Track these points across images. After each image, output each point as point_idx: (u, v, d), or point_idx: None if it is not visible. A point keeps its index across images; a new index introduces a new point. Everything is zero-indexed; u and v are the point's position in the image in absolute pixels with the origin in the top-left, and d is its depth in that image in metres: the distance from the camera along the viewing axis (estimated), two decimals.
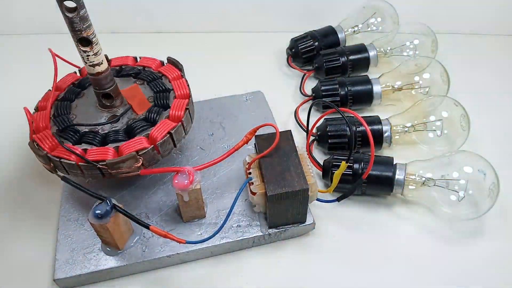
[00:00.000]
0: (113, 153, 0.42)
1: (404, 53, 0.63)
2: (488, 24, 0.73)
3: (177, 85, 0.48)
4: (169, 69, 0.51)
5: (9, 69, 0.71)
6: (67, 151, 0.42)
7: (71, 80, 0.50)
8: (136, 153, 0.42)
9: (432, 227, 0.48)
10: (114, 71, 0.51)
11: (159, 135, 0.43)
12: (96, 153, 0.42)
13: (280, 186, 0.41)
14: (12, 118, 0.61)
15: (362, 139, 0.52)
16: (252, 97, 0.60)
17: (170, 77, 0.49)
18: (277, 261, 0.46)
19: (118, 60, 0.53)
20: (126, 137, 0.44)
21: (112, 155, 0.42)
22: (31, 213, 0.50)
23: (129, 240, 0.44)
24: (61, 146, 0.42)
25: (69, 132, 0.44)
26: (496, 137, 0.57)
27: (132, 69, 0.51)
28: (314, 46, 0.66)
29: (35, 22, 0.75)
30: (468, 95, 0.56)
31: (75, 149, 0.42)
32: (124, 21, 0.75)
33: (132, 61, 0.53)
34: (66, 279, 0.43)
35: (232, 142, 0.53)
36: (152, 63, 0.52)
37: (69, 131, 0.44)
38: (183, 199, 0.42)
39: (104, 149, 0.42)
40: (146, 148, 0.43)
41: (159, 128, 0.44)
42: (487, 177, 0.45)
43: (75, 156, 0.42)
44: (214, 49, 0.72)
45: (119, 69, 0.51)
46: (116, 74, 0.50)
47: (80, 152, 0.42)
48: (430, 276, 0.44)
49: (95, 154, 0.42)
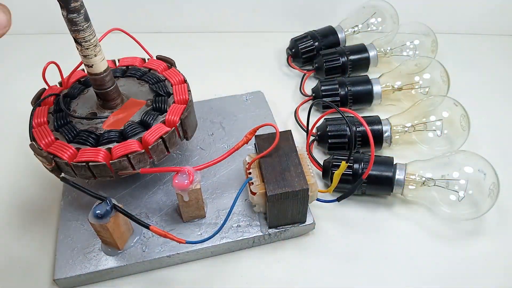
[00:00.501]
0: (104, 155, 0.42)
1: (404, 53, 0.63)
2: (488, 24, 0.73)
3: (178, 90, 0.48)
4: (173, 73, 0.50)
5: (9, 69, 0.71)
6: (60, 147, 0.42)
7: (78, 76, 0.50)
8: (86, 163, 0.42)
9: (432, 227, 0.48)
10: (121, 71, 0.51)
11: (151, 139, 0.43)
12: (89, 152, 0.42)
13: (280, 186, 0.41)
14: (12, 118, 0.61)
15: (362, 139, 0.52)
16: (252, 97, 0.60)
17: (173, 81, 0.49)
18: (277, 261, 0.46)
19: (128, 60, 0.53)
20: (119, 139, 0.44)
21: (103, 157, 0.42)
22: (31, 213, 0.50)
23: (129, 240, 0.44)
24: None
25: (66, 128, 0.44)
26: (496, 137, 0.57)
27: (139, 70, 0.51)
28: (314, 46, 0.66)
29: (35, 22, 0.75)
30: (468, 95, 0.56)
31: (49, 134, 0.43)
32: (124, 21, 0.75)
33: (140, 62, 0.52)
34: (66, 279, 0.43)
35: (232, 142, 0.53)
36: (158, 66, 0.52)
37: (66, 127, 0.44)
38: (183, 199, 0.42)
39: (96, 150, 0.42)
40: (137, 151, 0.42)
41: (152, 131, 0.44)
42: (487, 177, 0.45)
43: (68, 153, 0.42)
44: (214, 49, 0.72)
45: (126, 69, 0.51)
46: (122, 74, 0.51)
47: (73, 151, 0.42)
48: (430, 276, 0.44)
49: (88, 153, 0.42)
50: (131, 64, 0.52)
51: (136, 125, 0.44)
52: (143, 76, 0.50)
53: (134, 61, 0.52)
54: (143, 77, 0.50)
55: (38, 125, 0.45)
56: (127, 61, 0.52)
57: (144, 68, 0.51)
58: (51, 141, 0.43)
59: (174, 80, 0.49)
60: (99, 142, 0.43)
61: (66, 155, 0.42)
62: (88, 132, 0.44)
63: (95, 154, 0.42)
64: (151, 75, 0.50)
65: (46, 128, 0.44)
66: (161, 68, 0.51)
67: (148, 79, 0.49)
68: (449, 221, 0.48)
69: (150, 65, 0.51)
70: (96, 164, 0.41)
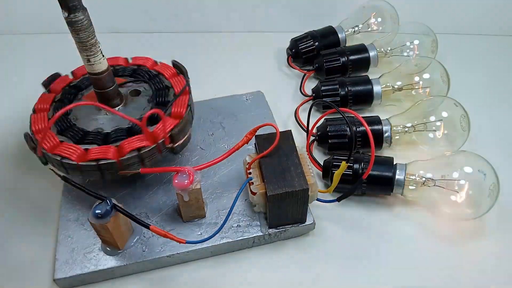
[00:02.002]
0: (114, 152, 0.42)
1: (404, 53, 0.63)
2: (488, 24, 0.73)
3: (177, 83, 0.49)
4: (179, 80, 0.50)
5: (9, 69, 0.71)
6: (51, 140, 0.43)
7: (65, 83, 0.50)
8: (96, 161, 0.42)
9: (432, 227, 0.48)
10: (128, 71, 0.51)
11: (160, 133, 0.43)
12: (98, 151, 0.42)
13: (280, 186, 0.41)
14: (12, 118, 0.61)
15: (362, 139, 0.52)
16: (252, 97, 0.60)
17: (167, 74, 0.50)
18: (277, 261, 0.46)
19: (138, 60, 0.53)
20: (127, 136, 0.44)
21: (112, 155, 0.42)
22: (31, 213, 0.50)
23: (129, 240, 0.44)
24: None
25: (71, 131, 0.45)
26: (496, 137, 0.57)
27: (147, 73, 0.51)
28: (314, 46, 0.66)
29: (35, 22, 0.75)
30: (468, 95, 0.56)
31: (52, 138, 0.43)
32: (124, 21, 0.75)
33: (151, 64, 0.53)
34: (66, 279, 0.43)
35: (232, 142, 0.53)
36: (165, 69, 0.52)
37: (72, 130, 0.45)
38: (183, 199, 0.42)
39: (105, 148, 0.43)
40: (146, 146, 0.43)
41: (160, 125, 0.44)
42: (487, 177, 0.45)
43: None
44: (214, 49, 0.72)
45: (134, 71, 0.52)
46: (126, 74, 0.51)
47: (81, 152, 0.42)
48: (430, 276, 0.44)
49: (97, 152, 0.42)
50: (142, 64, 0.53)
51: (123, 131, 0.45)
52: (133, 74, 0.51)
53: (147, 61, 0.53)
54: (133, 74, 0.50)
55: (37, 132, 0.45)
56: (138, 61, 0.53)
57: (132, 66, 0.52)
58: (56, 144, 0.44)
59: (168, 73, 0.50)
60: (108, 141, 0.44)
61: (74, 156, 0.42)
62: (95, 133, 0.44)
63: (105, 152, 0.42)
64: (143, 69, 0.51)
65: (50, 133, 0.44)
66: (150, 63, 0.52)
67: (142, 73, 0.50)
68: (449, 221, 0.48)
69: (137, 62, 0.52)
70: (107, 162, 0.42)
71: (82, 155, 0.42)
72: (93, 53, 0.42)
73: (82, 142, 0.44)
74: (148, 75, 0.50)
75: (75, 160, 0.42)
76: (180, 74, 0.51)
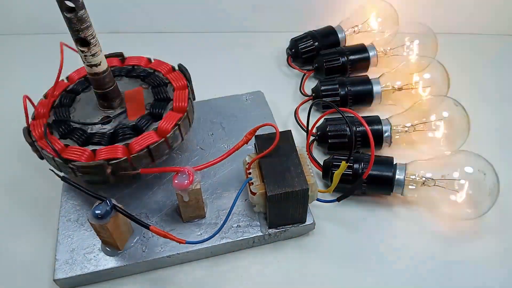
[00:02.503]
0: (123, 151, 0.43)
1: (404, 53, 0.63)
2: (488, 24, 0.73)
3: (175, 78, 0.49)
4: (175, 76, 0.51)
5: (9, 69, 0.71)
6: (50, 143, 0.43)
7: (63, 88, 0.50)
8: (107, 161, 0.42)
9: (432, 227, 0.48)
10: (126, 70, 0.51)
11: (167, 127, 0.44)
12: (107, 151, 0.43)
13: (280, 186, 0.41)
14: (12, 118, 0.60)
15: (362, 139, 0.52)
16: (252, 97, 0.60)
17: (176, 85, 0.49)
18: (277, 261, 0.46)
19: (134, 59, 0.53)
20: (134, 134, 0.44)
21: (121, 153, 0.42)
22: (31, 213, 0.50)
23: (129, 240, 0.44)
24: (45, 138, 0.43)
25: (76, 134, 0.45)
26: (496, 137, 0.57)
27: (143, 71, 0.51)
28: (314, 46, 0.66)
29: (35, 22, 0.75)
30: (468, 95, 0.56)
31: (55, 142, 0.43)
32: (124, 21, 0.75)
33: (145, 62, 0.53)
34: (66, 279, 0.43)
35: (232, 142, 0.53)
36: (163, 67, 0.52)
37: (77, 133, 0.45)
38: (183, 199, 0.42)
39: (113, 147, 0.43)
40: (156, 141, 0.43)
41: (166, 120, 0.44)
42: (487, 177, 0.45)
43: (51, 149, 0.43)
44: (214, 49, 0.72)
45: (131, 69, 0.52)
46: (126, 73, 0.51)
47: (62, 147, 0.43)
48: (430, 276, 0.44)
49: (105, 152, 0.42)
50: (136, 64, 0.53)
51: (128, 129, 0.45)
52: (146, 78, 0.50)
53: (140, 60, 0.53)
54: (147, 79, 0.50)
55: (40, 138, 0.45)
56: (134, 61, 0.53)
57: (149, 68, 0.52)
58: (62, 148, 0.44)
59: (177, 104, 0.50)
60: (90, 142, 0.44)
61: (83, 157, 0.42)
62: (81, 131, 0.44)
63: (113, 151, 0.42)
64: (138, 68, 0.51)
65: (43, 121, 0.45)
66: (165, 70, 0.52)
67: (139, 72, 0.50)
68: (449, 221, 0.48)
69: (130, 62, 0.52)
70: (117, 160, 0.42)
71: (90, 157, 0.42)
72: (91, 54, 0.42)
73: (87, 143, 0.44)
74: (145, 74, 0.50)
75: (85, 161, 0.42)
76: (175, 71, 0.51)
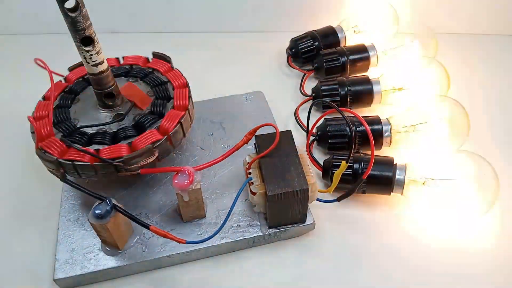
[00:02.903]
0: (127, 149, 0.42)
1: (404, 53, 0.63)
2: (488, 24, 0.73)
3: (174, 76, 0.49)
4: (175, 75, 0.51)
5: (9, 69, 0.71)
6: (79, 153, 0.42)
7: (61, 89, 0.50)
8: (152, 145, 0.42)
9: (432, 227, 0.48)
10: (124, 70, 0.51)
11: (170, 125, 0.44)
12: (109, 151, 0.42)
13: (280, 186, 0.41)
14: (12, 119, 0.61)
15: (362, 139, 0.52)
16: (252, 97, 0.60)
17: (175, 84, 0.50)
18: (277, 261, 0.46)
19: (129, 59, 0.53)
20: (136, 133, 0.44)
21: (126, 151, 0.42)
22: (31, 213, 0.50)
23: (129, 240, 0.44)
24: (74, 148, 0.42)
25: (75, 136, 0.44)
26: (496, 137, 0.57)
27: (141, 71, 0.51)
28: (314, 46, 0.66)
29: (35, 22, 0.75)
30: (468, 95, 0.56)
31: (88, 149, 0.42)
32: (124, 21, 0.75)
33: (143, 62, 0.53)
34: (66, 279, 0.43)
35: (232, 142, 0.53)
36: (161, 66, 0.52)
37: (76, 135, 0.44)
38: (183, 199, 0.42)
39: (116, 147, 0.43)
40: (159, 139, 0.43)
41: (168, 118, 0.45)
42: (487, 177, 0.45)
43: (89, 156, 0.42)
44: (214, 49, 0.72)
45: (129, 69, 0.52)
46: (125, 74, 0.51)
47: (93, 152, 0.42)
48: (430, 276, 0.44)
49: (108, 152, 0.42)
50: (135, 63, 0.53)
51: (149, 116, 0.45)
52: (146, 77, 0.50)
53: (138, 60, 0.53)
54: (145, 78, 0.50)
55: (45, 137, 0.45)
56: (131, 60, 0.53)
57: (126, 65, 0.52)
58: (65, 149, 0.43)
59: (176, 83, 0.50)
60: (118, 140, 0.44)
61: (87, 156, 0.42)
62: (102, 133, 0.44)
63: (117, 151, 0.42)
64: (137, 68, 0.51)
65: (54, 139, 0.44)
66: (165, 69, 0.51)
67: (151, 80, 0.50)
68: (450, 221, 0.48)
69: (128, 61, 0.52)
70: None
71: (63, 152, 0.42)
72: (96, 52, 0.42)
73: (89, 143, 0.44)
74: (143, 73, 0.50)
75: (88, 162, 0.42)
76: (165, 61, 0.52)
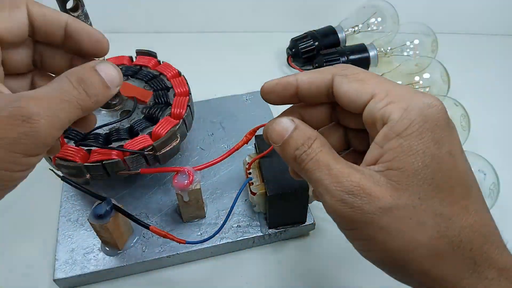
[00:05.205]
0: (150, 139, 0.43)
1: (404, 53, 0.63)
2: (488, 24, 0.73)
3: (177, 83, 0.49)
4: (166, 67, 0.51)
5: None
6: (105, 152, 0.42)
7: None
8: (174, 128, 0.43)
9: None
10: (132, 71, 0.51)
11: (181, 110, 0.45)
12: (134, 143, 0.43)
13: (280, 186, 0.41)
14: None
15: None
16: (252, 97, 0.60)
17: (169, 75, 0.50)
18: (277, 261, 0.46)
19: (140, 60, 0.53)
20: (150, 123, 0.45)
21: (151, 140, 0.43)
22: (31, 213, 0.50)
23: (129, 240, 0.44)
24: (103, 148, 0.42)
25: (90, 139, 0.44)
26: (496, 137, 0.57)
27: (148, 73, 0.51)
28: (314, 46, 0.66)
29: None
30: (468, 95, 0.56)
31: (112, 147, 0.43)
32: (124, 21, 0.75)
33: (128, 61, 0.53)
34: (66, 279, 0.43)
35: (232, 142, 0.53)
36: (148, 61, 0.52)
37: (90, 137, 0.44)
38: (183, 199, 0.42)
39: (139, 138, 0.43)
40: (177, 124, 0.44)
41: (177, 105, 0.45)
42: (487, 177, 0.45)
43: (116, 152, 0.42)
44: (214, 49, 0.72)
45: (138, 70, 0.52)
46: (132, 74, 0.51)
47: (84, 153, 0.42)
48: None
49: (134, 144, 0.43)
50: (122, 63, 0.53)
51: (157, 106, 0.46)
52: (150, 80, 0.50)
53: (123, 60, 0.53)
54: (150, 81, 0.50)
55: None
56: None
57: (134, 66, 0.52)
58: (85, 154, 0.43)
59: (170, 74, 0.50)
60: (110, 141, 0.44)
61: (114, 152, 0.42)
62: (116, 130, 0.44)
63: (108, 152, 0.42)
64: (144, 71, 0.51)
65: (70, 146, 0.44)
66: (152, 63, 0.52)
67: (142, 76, 0.50)
68: None
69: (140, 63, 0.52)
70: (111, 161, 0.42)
71: (85, 157, 0.42)
72: None
73: (108, 143, 0.44)
74: (149, 76, 0.50)
75: (79, 161, 0.42)
76: None
